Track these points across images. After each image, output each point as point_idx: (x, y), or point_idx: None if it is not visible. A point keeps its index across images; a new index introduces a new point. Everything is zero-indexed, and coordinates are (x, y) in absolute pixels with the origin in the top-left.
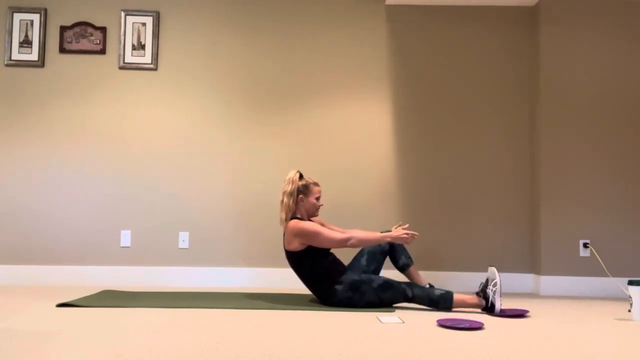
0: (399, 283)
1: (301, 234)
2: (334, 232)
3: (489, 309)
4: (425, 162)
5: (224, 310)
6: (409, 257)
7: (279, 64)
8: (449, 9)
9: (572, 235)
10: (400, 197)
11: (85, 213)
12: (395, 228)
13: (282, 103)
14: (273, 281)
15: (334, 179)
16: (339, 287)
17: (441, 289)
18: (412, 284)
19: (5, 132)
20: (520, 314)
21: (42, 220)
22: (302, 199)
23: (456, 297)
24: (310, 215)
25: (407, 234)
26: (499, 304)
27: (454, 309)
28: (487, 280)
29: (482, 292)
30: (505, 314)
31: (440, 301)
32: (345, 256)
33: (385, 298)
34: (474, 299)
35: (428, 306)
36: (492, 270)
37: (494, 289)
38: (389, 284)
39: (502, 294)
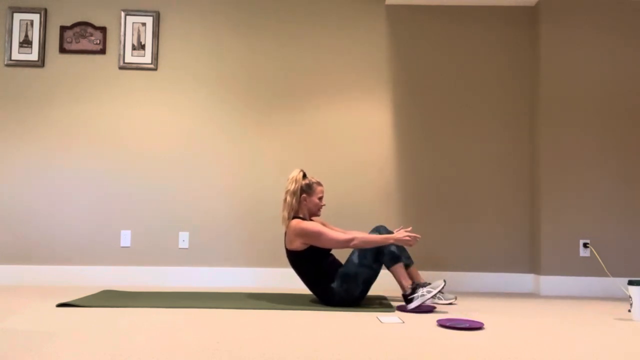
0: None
1: (303, 233)
2: (336, 233)
3: (407, 301)
4: (425, 162)
5: (224, 310)
6: (409, 258)
7: (279, 64)
8: (449, 9)
9: (572, 235)
10: (400, 197)
11: (85, 213)
12: (397, 231)
13: (282, 103)
14: (273, 281)
15: (334, 179)
16: (334, 285)
17: (396, 252)
18: (380, 228)
19: (5, 132)
20: (428, 310)
21: (42, 220)
22: (305, 198)
23: (399, 268)
24: (313, 214)
25: (409, 236)
26: (414, 306)
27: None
28: (429, 283)
29: (416, 286)
30: (414, 310)
31: (386, 255)
32: (344, 257)
33: (371, 262)
34: (408, 282)
35: (381, 254)
36: (440, 282)
37: (426, 294)
38: (364, 250)
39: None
